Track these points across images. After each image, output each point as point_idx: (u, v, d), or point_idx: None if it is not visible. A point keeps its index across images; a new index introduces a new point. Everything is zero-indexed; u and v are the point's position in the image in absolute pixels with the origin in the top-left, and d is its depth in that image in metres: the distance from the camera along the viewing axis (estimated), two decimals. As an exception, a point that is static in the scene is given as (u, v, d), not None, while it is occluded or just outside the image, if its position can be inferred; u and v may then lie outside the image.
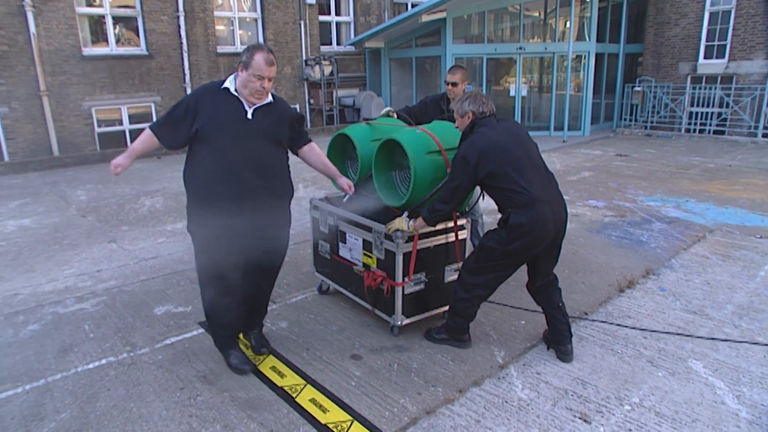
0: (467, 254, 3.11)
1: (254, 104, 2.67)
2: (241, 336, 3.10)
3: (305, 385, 2.70)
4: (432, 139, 3.09)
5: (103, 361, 2.98)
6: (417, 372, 2.86)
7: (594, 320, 3.48)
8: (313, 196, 3.87)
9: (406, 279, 3.06)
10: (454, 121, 3.05)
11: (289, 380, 2.77)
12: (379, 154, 3.28)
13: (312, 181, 7.60)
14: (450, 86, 4.10)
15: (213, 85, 2.71)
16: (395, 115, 3.92)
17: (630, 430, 2.41)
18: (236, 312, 2.82)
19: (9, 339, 3.26)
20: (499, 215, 2.82)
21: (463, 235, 3.27)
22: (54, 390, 2.71)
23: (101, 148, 10.10)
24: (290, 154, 2.94)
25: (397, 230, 2.96)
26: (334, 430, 2.38)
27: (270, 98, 2.73)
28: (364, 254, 3.27)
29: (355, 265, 3.37)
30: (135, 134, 10.67)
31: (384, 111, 3.93)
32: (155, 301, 3.77)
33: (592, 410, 2.55)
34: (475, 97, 2.89)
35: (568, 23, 12.76)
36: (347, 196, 3.37)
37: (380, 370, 2.88)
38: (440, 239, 3.19)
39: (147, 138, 2.68)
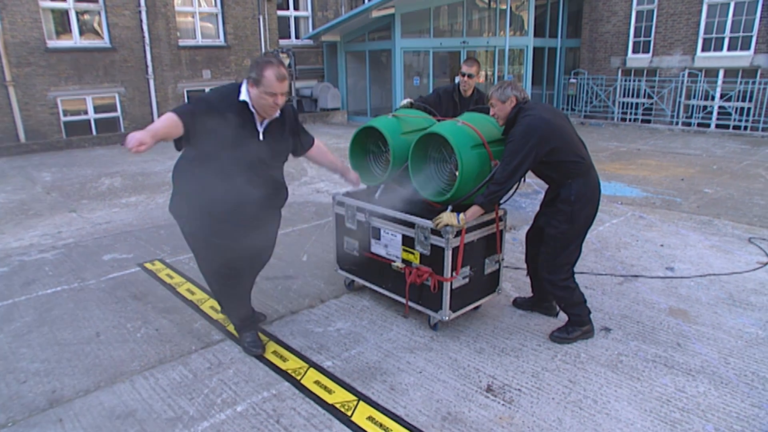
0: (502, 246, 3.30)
1: (264, 119, 2.58)
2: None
3: (208, 299, 3.66)
4: (475, 132, 3.03)
5: (58, 288, 3.90)
6: (295, 291, 3.86)
7: (447, 260, 4.52)
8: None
9: (454, 274, 3.04)
10: (463, 113, 3.13)
11: (197, 296, 3.74)
12: (416, 148, 3.22)
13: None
14: (466, 78, 4.21)
15: (232, 92, 2.54)
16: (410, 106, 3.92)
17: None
18: (247, 300, 3.02)
19: (-16, 278, 4.15)
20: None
21: (502, 226, 3.32)
22: (19, 306, 3.62)
23: (67, 136, 10.81)
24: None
25: (447, 225, 2.93)
26: (222, 323, 3.34)
27: (278, 111, 2.60)
28: (404, 250, 3.23)
29: (393, 261, 3.31)
30: (100, 123, 11.39)
31: (404, 102, 3.87)
32: (104, 252, 4.68)
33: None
34: (513, 84, 2.99)
35: (508, 19, 13.81)
36: (379, 191, 3.44)
37: (268, 290, 3.85)
38: (485, 231, 3.22)
39: (170, 123, 2.31)
